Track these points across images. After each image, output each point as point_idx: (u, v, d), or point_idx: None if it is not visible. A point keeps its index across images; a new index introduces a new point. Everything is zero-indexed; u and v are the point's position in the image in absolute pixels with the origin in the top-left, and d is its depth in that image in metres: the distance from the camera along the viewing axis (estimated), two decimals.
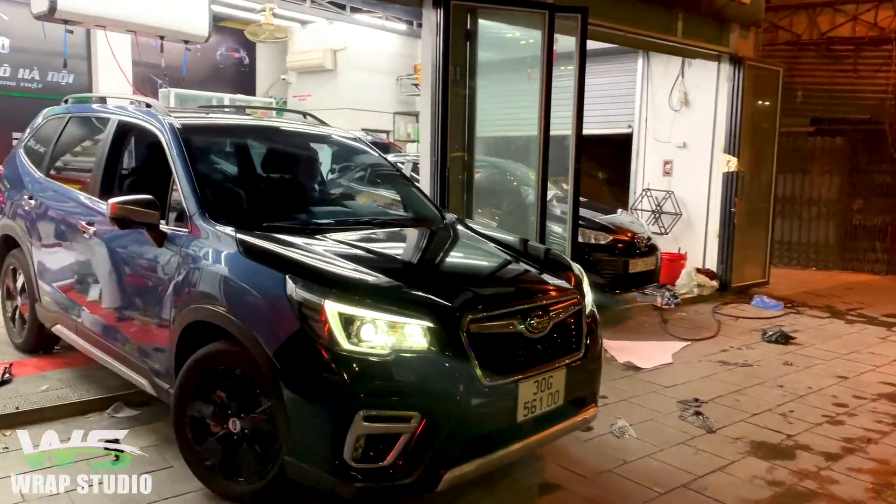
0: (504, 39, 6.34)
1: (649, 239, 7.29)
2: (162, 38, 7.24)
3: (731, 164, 8.24)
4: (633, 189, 9.51)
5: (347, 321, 2.74)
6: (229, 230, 3.24)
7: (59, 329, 4.47)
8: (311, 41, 11.83)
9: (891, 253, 10.93)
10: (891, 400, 4.87)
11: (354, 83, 11.63)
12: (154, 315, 3.49)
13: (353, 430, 2.67)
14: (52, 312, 4.49)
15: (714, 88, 8.39)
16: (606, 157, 10.20)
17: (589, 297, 3.46)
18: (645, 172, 9.33)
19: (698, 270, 8.43)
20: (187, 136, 3.73)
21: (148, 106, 4.15)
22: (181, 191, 3.51)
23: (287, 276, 2.87)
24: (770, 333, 6.46)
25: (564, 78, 6.15)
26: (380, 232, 3.88)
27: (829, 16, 11.63)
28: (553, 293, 3.24)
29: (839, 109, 11.34)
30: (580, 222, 6.43)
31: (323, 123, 4.78)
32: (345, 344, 2.72)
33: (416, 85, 11.27)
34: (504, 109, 6.43)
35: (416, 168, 8.36)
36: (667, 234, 8.91)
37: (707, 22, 7.90)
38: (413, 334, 2.78)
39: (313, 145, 4.74)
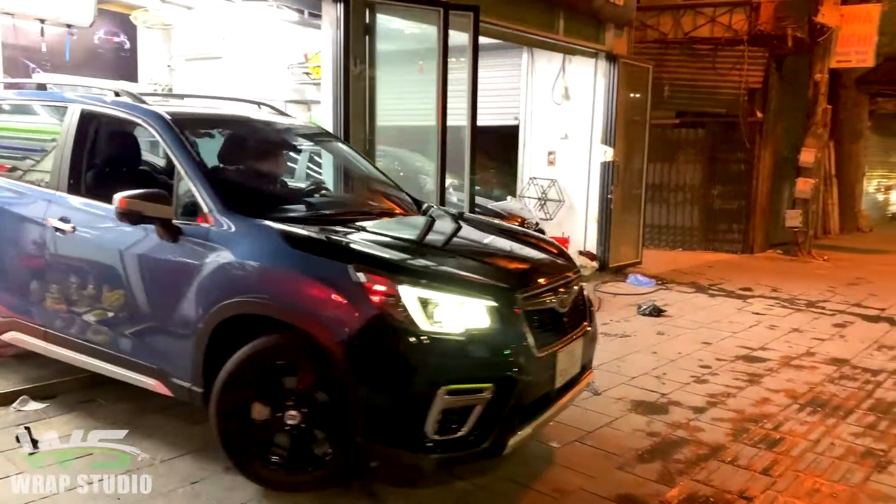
0: (402, 33, 6.58)
1: (537, 224, 7.83)
2: (43, 21, 6.93)
3: (608, 154, 8.93)
4: (520, 178, 10.05)
5: (423, 304, 2.91)
6: (266, 223, 3.26)
7: (13, 336, 4.12)
8: (198, 27, 11.52)
9: (745, 234, 12.15)
10: (746, 361, 5.59)
11: (243, 71, 11.45)
12: (170, 313, 3.37)
13: (435, 405, 2.83)
14: (2, 319, 4.14)
15: (592, 83, 9.04)
16: (495, 148, 10.68)
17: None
18: (531, 162, 9.90)
19: (580, 252, 9.09)
20: (183, 128, 3.62)
21: (120, 95, 3.94)
22: (194, 185, 3.39)
23: (352, 265, 2.97)
24: (644, 307, 7.14)
25: (457, 71, 6.48)
26: (390, 221, 3.98)
27: (691, 17, 12.63)
28: (569, 271, 3.63)
29: (701, 103, 12.36)
30: (475, 209, 6.82)
31: (282, 113, 4.75)
32: (423, 325, 2.88)
33: (308, 73, 11.27)
34: (404, 101, 6.68)
35: (312, 158, 8.45)
36: (551, 219, 9.52)
37: (586, 21, 8.49)
38: (479, 313, 2.98)
39: (297, 138, 4.74)
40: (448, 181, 6.75)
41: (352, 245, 3.23)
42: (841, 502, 3.30)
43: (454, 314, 2.95)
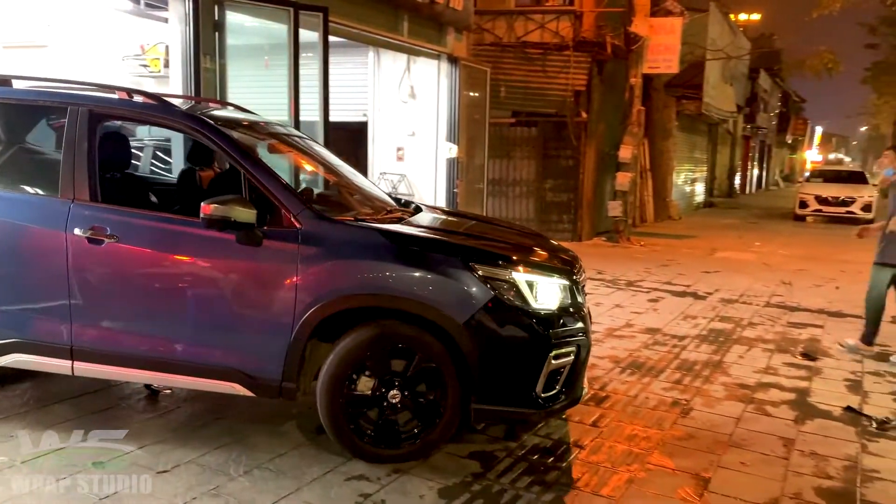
0: (254, 29, 6.64)
1: None
2: None
3: (453, 151, 9.49)
4: (370, 173, 10.36)
5: (529, 286, 3.50)
6: (364, 224, 3.66)
7: (15, 360, 3.73)
8: (20, 13, 10.66)
9: (574, 223, 13.30)
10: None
11: (71, 61, 10.76)
12: (257, 315, 3.49)
13: (545, 368, 3.45)
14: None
15: (436, 83, 9.55)
16: (344, 143, 10.90)
17: None
18: (380, 157, 10.24)
19: None
20: (233, 135, 3.72)
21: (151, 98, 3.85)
22: (270, 190, 3.50)
23: (463, 257, 3.46)
24: None
25: (305, 67, 6.66)
26: (427, 217, 4.33)
27: (523, 23, 13.56)
28: (571, 254, 4.22)
29: (533, 104, 13.33)
30: None
31: (248, 112, 4.60)
32: (533, 304, 3.49)
33: (146, 66, 10.83)
34: (257, 96, 6.76)
35: (155, 154, 8.22)
36: None
37: (428, 24, 8.97)
38: (562, 290, 3.66)
39: (296, 140, 4.69)
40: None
41: (456, 241, 3.76)
42: (653, 443, 3.97)
43: (549, 292, 3.60)
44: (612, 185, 13.35)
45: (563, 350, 3.53)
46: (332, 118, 7.13)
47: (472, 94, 9.97)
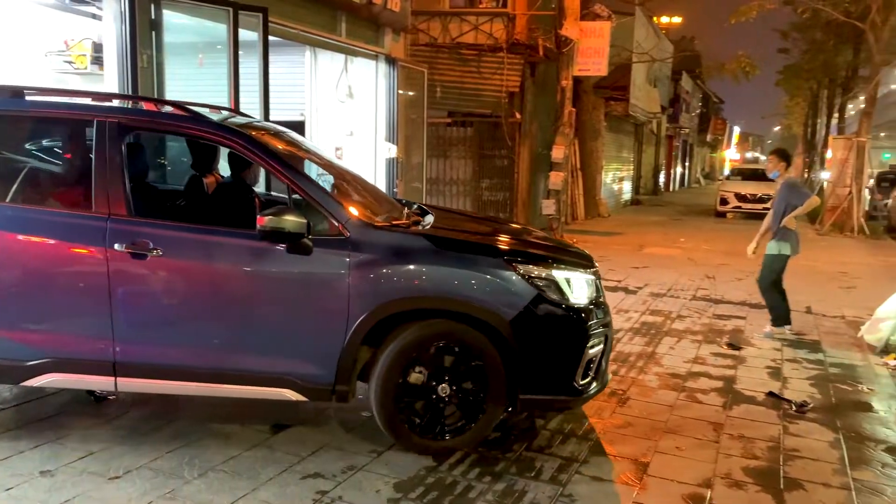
0: (192, 28, 6.54)
1: None
2: None
3: (392, 150, 9.56)
4: (308, 172, 10.30)
5: (567, 283, 3.77)
6: (411, 229, 3.79)
7: (53, 379, 3.60)
8: None
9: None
10: None
11: None
12: (311, 321, 3.59)
13: (584, 357, 3.73)
14: (31, 362, 3.57)
15: (374, 84, 9.59)
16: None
17: None
18: None
19: None
20: (270, 146, 3.78)
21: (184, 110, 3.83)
22: (315, 199, 3.59)
23: (507, 257, 3.72)
24: None
25: (244, 66, 6.60)
26: (441, 218, 4.40)
27: (457, 24, 13.74)
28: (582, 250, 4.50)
29: (469, 104, 13.55)
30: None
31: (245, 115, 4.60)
32: (571, 299, 3.75)
33: (72, 63, 10.43)
34: (196, 95, 6.63)
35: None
36: None
37: (366, 25, 9.01)
38: (590, 284, 3.93)
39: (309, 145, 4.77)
40: None
41: (496, 244, 3.95)
42: (595, 431, 4.17)
43: (582, 287, 3.87)
44: (546, 184, 13.69)
45: (596, 340, 3.83)
46: (270, 118, 7.10)
47: (410, 94, 10.06)
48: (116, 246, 3.50)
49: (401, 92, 9.64)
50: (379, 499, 3.30)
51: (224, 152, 4.53)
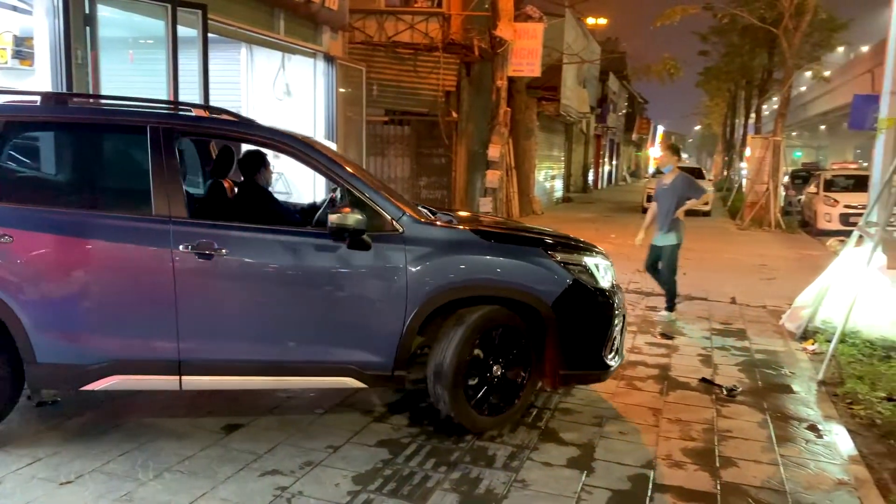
0: (128, 23, 6.39)
1: None
2: None
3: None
4: None
5: (596, 269, 4.21)
6: (459, 226, 4.11)
7: (119, 381, 3.64)
8: None
9: None
10: None
11: None
12: (374, 311, 3.79)
13: (610, 335, 4.17)
14: (94, 366, 3.60)
15: (312, 82, 9.55)
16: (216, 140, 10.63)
17: None
18: None
19: None
20: (323, 149, 4.03)
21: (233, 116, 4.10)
22: (370, 198, 3.84)
23: (544, 247, 4.12)
24: None
25: (181, 63, 6.50)
26: (459, 216, 4.68)
27: (393, 22, 13.80)
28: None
29: (406, 103, 13.64)
30: None
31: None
32: (601, 283, 4.17)
33: None
34: (131, 91, 6.49)
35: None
36: None
37: (304, 23, 8.97)
38: (610, 271, 4.38)
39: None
40: None
41: (531, 236, 4.33)
42: (544, 420, 4.34)
43: (606, 272, 4.30)
44: (483, 182, 13.91)
45: (618, 319, 4.26)
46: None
47: (348, 92, 10.06)
48: (181, 247, 3.60)
49: (339, 90, 9.63)
50: (339, 492, 3.36)
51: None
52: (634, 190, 35.38)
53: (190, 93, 6.57)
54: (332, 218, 3.61)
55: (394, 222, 3.84)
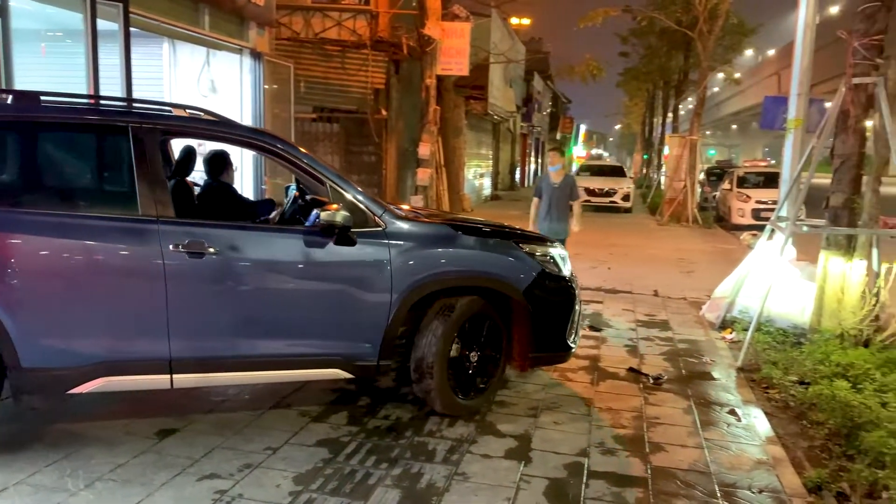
0: (45, 16, 6.11)
1: None
2: None
3: None
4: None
5: (560, 258, 4.56)
6: (436, 220, 4.49)
7: (106, 382, 3.58)
8: None
9: None
10: None
11: None
12: (360, 304, 3.91)
13: (572, 319, 4.50)
14: (82, 368, 3.53)
15: (239, 78, 9.35)
16: None
17: None
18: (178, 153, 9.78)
19: None
20: (299, 148, 4.09)
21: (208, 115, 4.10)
22: (353, 196, 3.95)
23: (515, 240, 4.42)
24: None
25: (101, 57, 6.27)
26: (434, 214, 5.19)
27: (320, 19, 13.64)
28: None
29: (334, 100, 13.52)
30: None
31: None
32: (564, 272, 4.52)
33: None
34: (48, 85, 6.19)
35: None
36: None
37: (230, 19, 8.76)
38: (567, 260, 4.67)
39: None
40: None
41: (503, 230, 4.62)
42: (480, 413, 4.43)
43: (566, 262, 4.63)
44: (413, 180, 13.95)
45: (577, 304, 4.61)
46: None
47: (275, 89, 9.90)
48: (172, 246, 3.60)
49: (266, 87, 9.47)
50: (280, 493, 3.34)
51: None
52: None
53: (111, 88, 6.33)
54: (323, 215, 3.72)
55: (376, 219, 3.98)
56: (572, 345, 4.59)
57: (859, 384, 4.49)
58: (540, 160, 44.29)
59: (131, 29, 7.94)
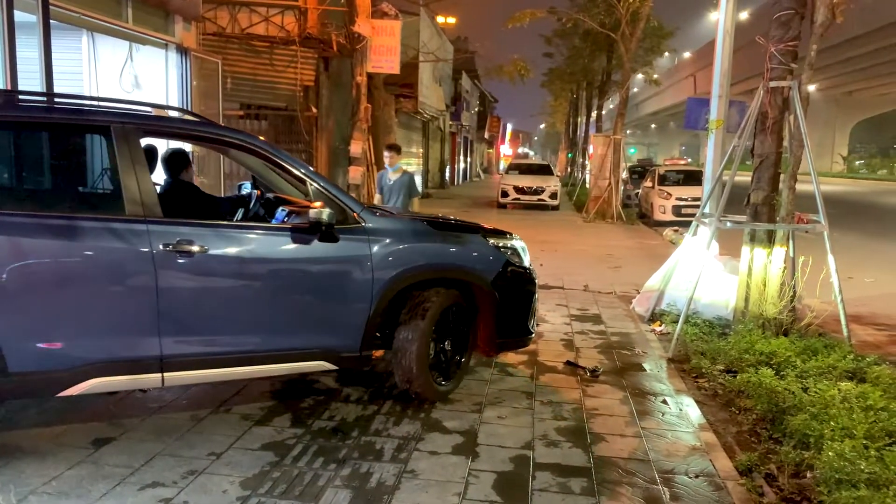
0: None
1: None
2: None
3: (186, 144, 9.08)
4: (92, 170, 9.43)
5: (522, 250, 4.92)
6: (406, 217, 4.72)
7: (96, 383, 3.53)
8: None
9: None
10: None
11: None
12: (343, 298, 4.08)
13: (533, 306, 4.92)
14: (72, 370, 3.47)
15: (164, 74, 9.04)
16: None
17: None
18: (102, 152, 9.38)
19: None
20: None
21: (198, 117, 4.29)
22: (333, 194, 4.11)
23: (482, 233, 4.75)
24: None
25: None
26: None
27: (247, 14, 13.36)
28: None
29: (262, 97, 13.26)
30: None
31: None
32: (524, 263, 4.88)
33: None
34: None
35: None
36: None
37: (154, 12, 8.45)
38: (526, 251, 4.98)
39: None
40: None
41: (468, 223, 4.94)
42: (425, 410, 4.46)
43: (525, 253, 4.95)
44: (345, 178, 13.81)
45: (536, 292, 4.97)
46: None
47: (203, 86, 9.63)
48: (161, 246, 3.60)
49: (194, 83, 9.20)
50: (227, 498, 3.28)
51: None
52: (488, 186, 36.57)
53: (28, 83, 6.01)
54: (312, 213, 3.85)
55: (356, 216, 4.17)
56: (532, 330, 4.96)
57: (782, 371, 4.75)
58: (469, 159, 44.67)
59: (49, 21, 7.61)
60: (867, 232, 16.64)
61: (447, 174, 34.24)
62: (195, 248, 3.68)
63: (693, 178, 19.54)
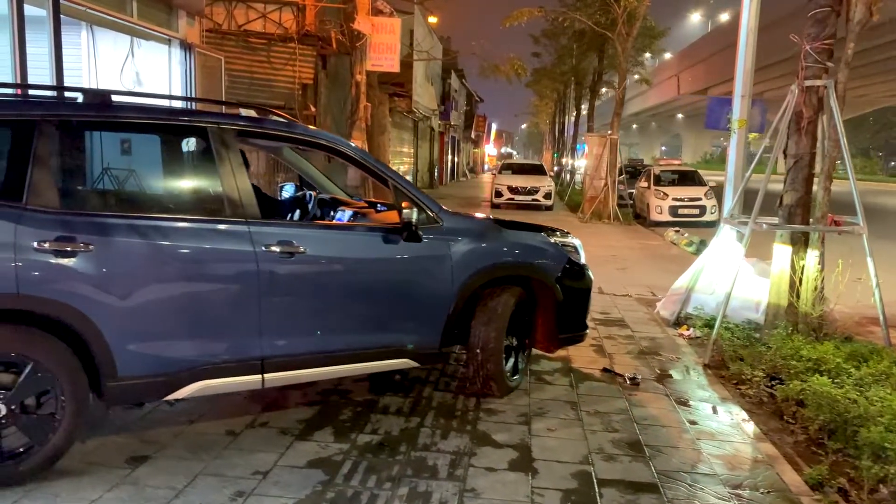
0: None
1: None
2: None
3: (189, 143, 8.80)
4: (91, 168, 9.12)
5: (581, 247, 5.08)
6: (475, 216, 4.87)
7: (203, 386, 3.57)
8: None
9: None
10: None
11: None
12: (427, 296, 4.23)
13: (589, 302, 5.14)
14: (178, 374, 3.50)
15: (167, 70, 8.76)
16: None
17: None
18: (104, 150, 9.07)
19: None
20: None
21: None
22: (414, 197, 4.22)
23: (546, 232, 4.95)
24: None
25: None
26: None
27: (243, 10, 13.08)
28: None
29: (260, 95, 12.98)
30: None
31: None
32: (582, 260, 5.05)
33: None
34: None
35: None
36: None
37: (158, 7, 8.19)
38: (582, 248, 5.16)
39: None
40: None
41: (533, 224, 5.06)
42: (469, 422, 4.26)
43: (582, 251, 5.12)
44: (344, 178, 13.57)
45: (592, 289, 5.16)
46: None
47: (207, 82, 9.35)
48: (264, 247, 3.66)
49: (198, 80, 8.92)
50: None
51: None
52: (475, 185, 36.45)
53: (37, 77, 5.73)
54: (405, 213, 3.98)
55: (435, 216, 4.30)
56: (588, 325, 5.16)
57: (836, 378, 4.62)
58: (456, 158, 44.52)
59: (39, 15, 7.29)
60: (871, 233, 16.68)
61: (436, 174, 34.05)
62: (294, 249, 3.75)
63: (688, 178, 19.55)
